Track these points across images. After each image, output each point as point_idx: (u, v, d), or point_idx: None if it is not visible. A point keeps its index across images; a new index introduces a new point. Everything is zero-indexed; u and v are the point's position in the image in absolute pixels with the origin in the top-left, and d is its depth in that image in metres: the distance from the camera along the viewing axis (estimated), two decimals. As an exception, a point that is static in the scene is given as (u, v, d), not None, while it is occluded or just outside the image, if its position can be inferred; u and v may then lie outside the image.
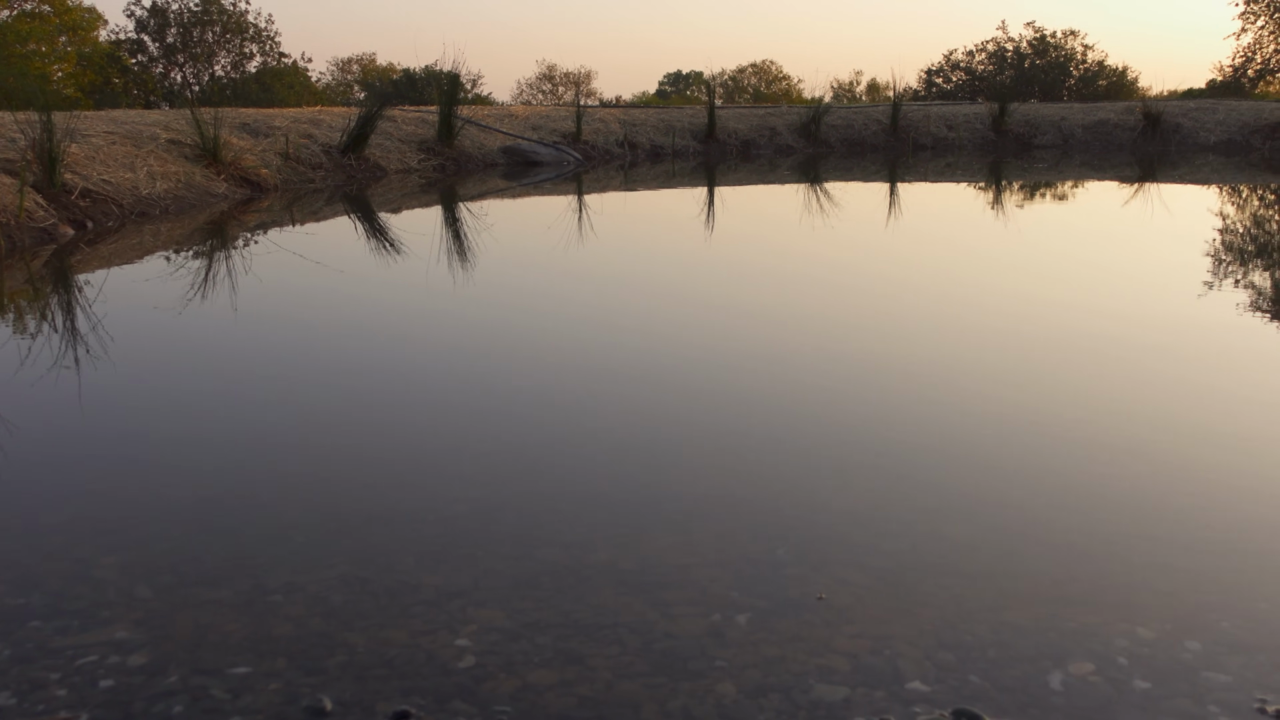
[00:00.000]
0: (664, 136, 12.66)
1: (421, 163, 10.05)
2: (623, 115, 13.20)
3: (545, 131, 11.77)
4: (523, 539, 1.87)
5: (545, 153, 11.00)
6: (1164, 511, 1.99)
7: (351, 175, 9.11)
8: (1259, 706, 1.35)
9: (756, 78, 41.41)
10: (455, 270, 4.67)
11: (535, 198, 8.55)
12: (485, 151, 10.87)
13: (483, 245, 5.52)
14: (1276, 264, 5.20)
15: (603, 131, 12.24)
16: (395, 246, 5.50)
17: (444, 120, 10.58)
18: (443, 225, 6.44)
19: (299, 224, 6.52)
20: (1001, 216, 7.21)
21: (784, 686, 1.40)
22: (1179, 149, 13.48)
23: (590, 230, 6.12)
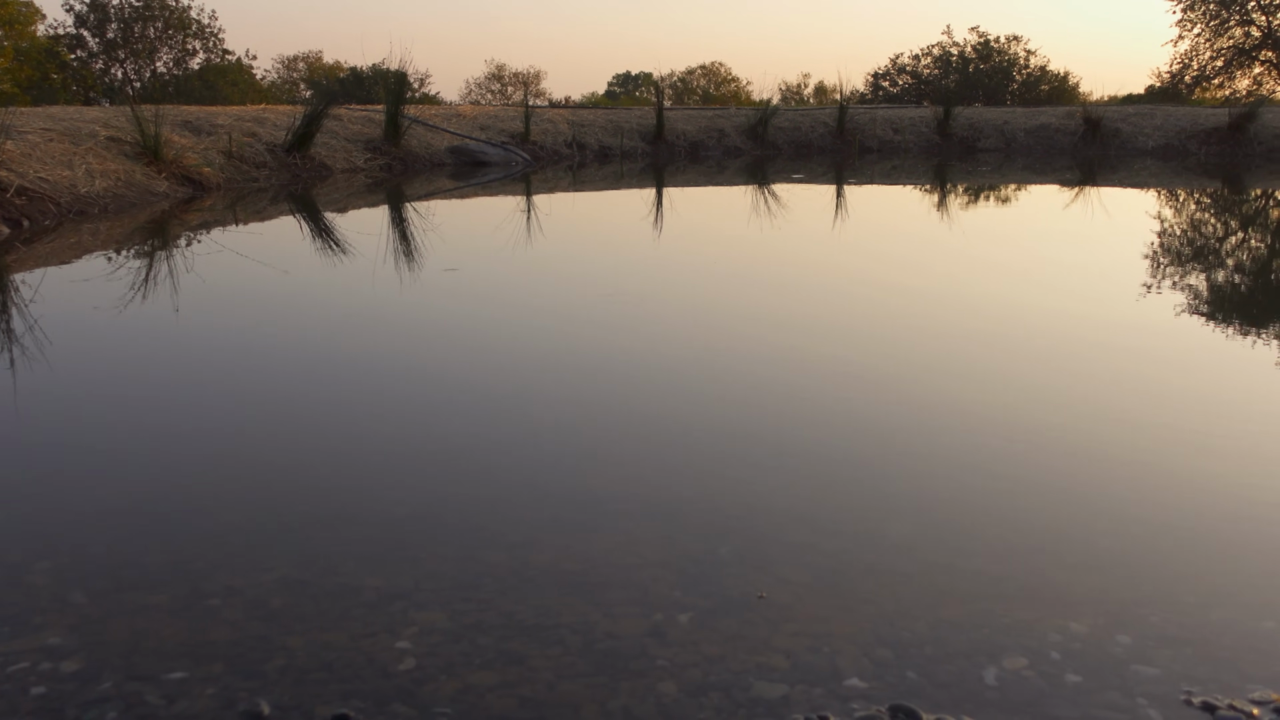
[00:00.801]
0: (612, 137, 12.67)
1: (368, 162, 9.97)
2: (571, 116, 13.19)
3: (493, 132, 11.72)
4: (466, 540, 1.87)
5: (493, 153, 10.96)
6: (1098, 507, 2.03)
7: (296, 174, 9.02)
8: (1185, 698, 1.39)
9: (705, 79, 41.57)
10: (401, 271, 4.64)
11: (483, 198, 8.52)
12: (433, 151, 10.81)
13: (430, 246, 5.49)
14: (1212, 266, 5.32)
15: (551, 132, 12.22)
16: (341, 246, 5.45)
17: (391, 119, 10.50)
18: (389, 225, 6.40)
19: (243, 223, 6.44)
20: (947, 219, 7.30)
21: (724, 685, 1.41)
22: (1118, 153, 13.74)
23: (538, 231, 6.12)
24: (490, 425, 2.52)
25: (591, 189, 9.35)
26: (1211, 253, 5.82)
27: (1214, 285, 4.71)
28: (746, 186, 9.53)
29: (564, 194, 8.92)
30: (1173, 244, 6.08)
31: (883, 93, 28.85)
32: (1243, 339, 3.56)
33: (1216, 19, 23.73)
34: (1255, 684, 1.43)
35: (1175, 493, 2.11)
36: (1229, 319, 3.97)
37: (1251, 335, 3.63)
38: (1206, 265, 5.34)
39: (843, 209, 7.69)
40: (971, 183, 10.30)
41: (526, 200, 8.07)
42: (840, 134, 14.19)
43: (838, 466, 2.26)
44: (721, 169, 11.40)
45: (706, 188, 9.72)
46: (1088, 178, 10.75)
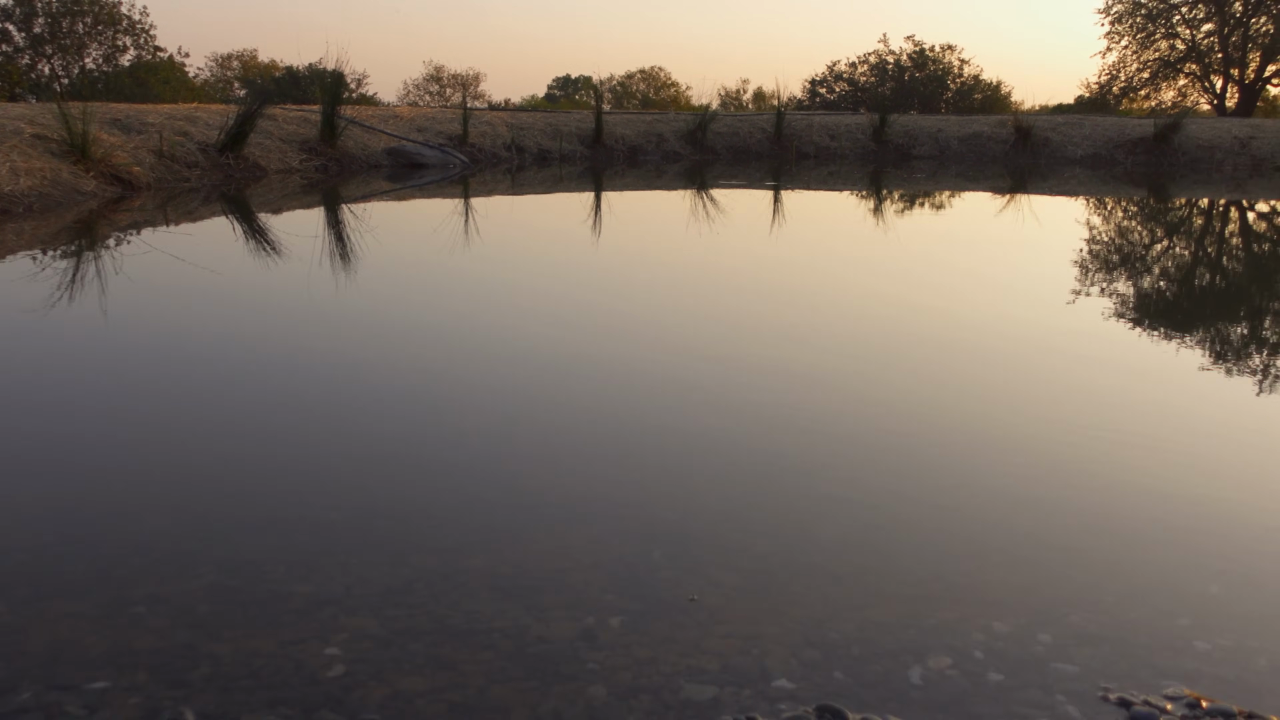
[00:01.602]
0: (551, 141, 12.65)
1: (303, 163, 9.85)
2: (510, 119, 13.15)
3: (431, 133, 11.65)
4: (397, 545, 1.86)
5: (431, 155, 10.89)
6: (1023, 509, 2.07)
7: (230, 175, 8.88)
8: (1102, 695, 1.43)
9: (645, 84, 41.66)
10: (336, 273, 4.60)
11: (420, 200, 8.46)
12: (369, 153, 10.71)
13: (365, 248, 5.44)
14: (1138, 273, 5.45)
15: (490, 134, 12.17)
16: (275, 248, 5.38)
17: (327, 120, 10.39)
18: (325, 227, 6.33)
19: (173, 224, 6.33)
20: (884, 225, 7.40)
21: (654, 687, 1.42)
22: (1048, 162, 14.02)
23: (476, 234, 6.09)
24: (423, 430, 2.51)
25: (530, 192, 9.33)
26: (1138, 259, 5.96)
27: (1141, 291, 4.83)
28: (686, 191, 9.57)
29: (503, 197, 8.89)
30: (1101, 251, 6.22)
31: (820, 99, 29.14)
32: (1165, 344, 3.65)
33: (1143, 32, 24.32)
34: (1170, 679, 1.47)
35: (1098, 495, 2.16)
36: (1153, 325, 4.08)
37: (1174, 340, 3.73)
38: (1134, 271, 5.47)
39: (781, 214, 7.75)
40: (907, 189, 10.44)
41: (464, 203, 8.03)
42: (778, 140, 14.31)
43: (770, 469, 2.28)
44: (660, 173, 11.44)
45: (646, 192, 9.75)
46: (1019, 185, 10.96)
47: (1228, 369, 3.27)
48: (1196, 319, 4.34)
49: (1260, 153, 13.73)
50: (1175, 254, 6.37)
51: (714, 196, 8.84)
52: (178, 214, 6.81)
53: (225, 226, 6.42)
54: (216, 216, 6.95)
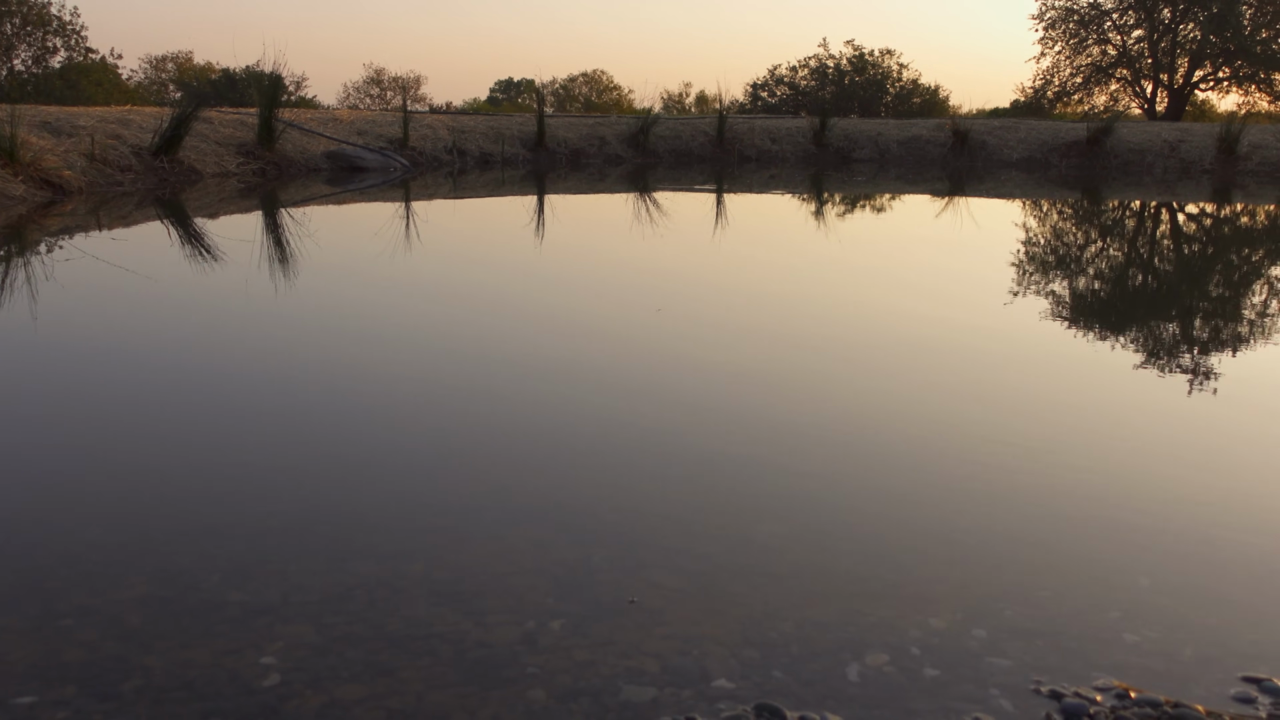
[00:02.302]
0: (493, 144, 12.60)
1: (240, 166, 9.71)
2: (452, 122, 13.08)
3: (371, 137, 11.55)
4: (336, 552, 1.84)
5: (371, 158, 10.80)
6: (960, 506, 2.10)
7: (164, 179, 8.73)
8: (1034, 687, 1.45)
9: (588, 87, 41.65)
10: (275, 278, 4.54)
11: (361, 204, 8.38)
12: (308, 156, 10.59)
13: (304, 252, 5.38)
14: (1074, 274, 5.56)
15: (431, 138, 12.09)
16: (212, 253, 5.30)
17: (264, 123, 10.26)
18: (263, 231, 6.24)
19: (106, 229, 6.21)
20: (824, 227, 7.47)
21: (594, 690, 1.42)
22: (985, 164, 14.24)
23: (417, 238, 6.05)
24: (362, 435, 2.49)
25: (473, 196, 9.28)
26: (1074, 261, 6.07)
27: (1076, 292, 4.92)
28: (629, 194, 9.58)
29: (445, 201, 8.84)
30: (1038, 253, 6.33)
31: (761, 103, 29.34)
32: (1097, 344, 3.73)
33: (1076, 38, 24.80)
34: (1100, 671, 1.50)
35: (1033, 491, 2.20)
36: (1086, 325, 4.16)
37: (1104, 340, 3.81)
38: (1070, 273, 5.57)
39: (724, 217, 7.79)
40: (848, 192, 10.55)
41: (406, 207, 7.96)
42: (720, 143, 14.38)
43: (712, 470, 2.29)
44: (603, 176, 11.44)
45: (589, 195, 9.74)
46: (957, 188, 11.12)
47: (1159, 368, 3.35)
48: (1129, 319, 4.43)
49: (1189, 156, 14.05)
50: (1109, 255, 6.50)
51: (657, 200, 8.86)
52: (111, 219, 6.68)
53: (160, 231, 6.31)
54: (151, 221, 6.83)
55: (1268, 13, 22.81)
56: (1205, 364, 3.40)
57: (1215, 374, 3.23)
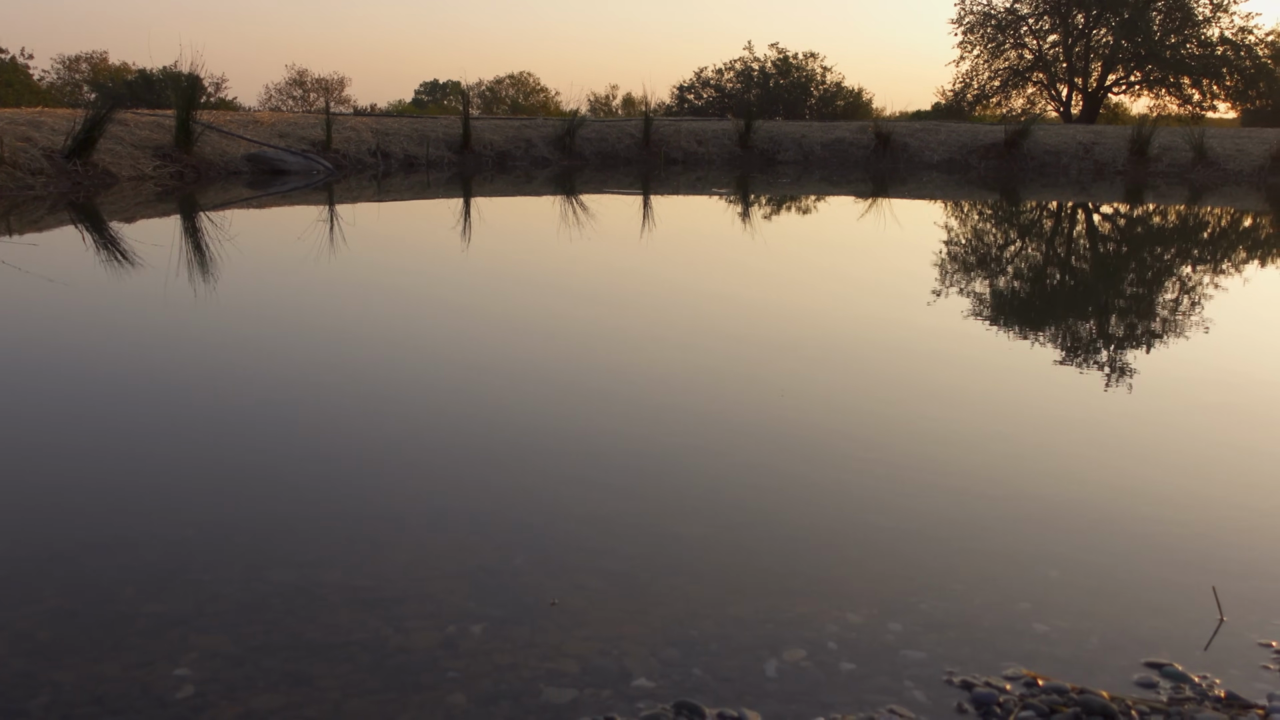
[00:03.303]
0: (418, 146, 12.49)
1: (157, 169, 9.51)
2: (375, 124, 12.94)
3: (293, 139, 11.38)
4: (253, 561, 1.81)
5: (293, 161, 10.64)
6: (878, 502, 2.14)
7: (78, 182, 8.52)
8: (947, 678, 1.49)
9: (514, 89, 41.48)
10: (196, 283, 4.45)
11: (283, 207, 8.26)
12: (228, 159, 10.41)
13: (226, 257, 5.29)
14: (993, 272, 5.68)
15: (354, 140, 11.95)
16: (127, 258, 5.18)
17: (182, 125, 10.05)
18: (182, 236, 6.12)
19: (16, 234, 6.04)
20: (750, 229, 7.53)
21: (514, 693, 1.42)
22: (907, 166, 14.47)
23: (341, 241, 5.98)
24: (279, 442, 2.46)
25: (397, 198, 9.20)
26: (993, 260, 6.20)
27: (993, 290, 5.03)
28: (555, 197, 9.57)
29: (369, 204, 8.74)
30: (958, 252, 6.46)
31: (688, 105, 29.48)
32: (1010, 342, 3.81)
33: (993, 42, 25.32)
34: (1010, 661, 1.54)
35: (948, 486, 2.25)
36: (1001, 322, 4.25)
37: (1019, 338, 3.90)
38: (988, 271, 5.69)
39: (651, 219, 7.82)
40: (773, 194, 10.65)
41: (329, 210, 7.87)
42: (646, 145, 14.42)
43: (635, 470, 2.30)
44: (530, 179, 11.41)
45: (516, 198, 9.71)
46: (880, 190, 11.29)
47: (1070, 364, 3.43)
48: (1042, 317, 4.54)
49: (1102, 157, 14.42)
50: (1028, 255, 6.65)
51: (585, 203, 8.86)
52: (21, 223, 6.50)
53: (73, 236, 6.15)
54: (64, 225, 6.66)
55: (1176, 19, 23.51)
56: (1114, 360, 3.49)
57: (1123, 369, 3.32)
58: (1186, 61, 23.42)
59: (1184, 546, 1.96)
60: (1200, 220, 9.12)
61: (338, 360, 3.27)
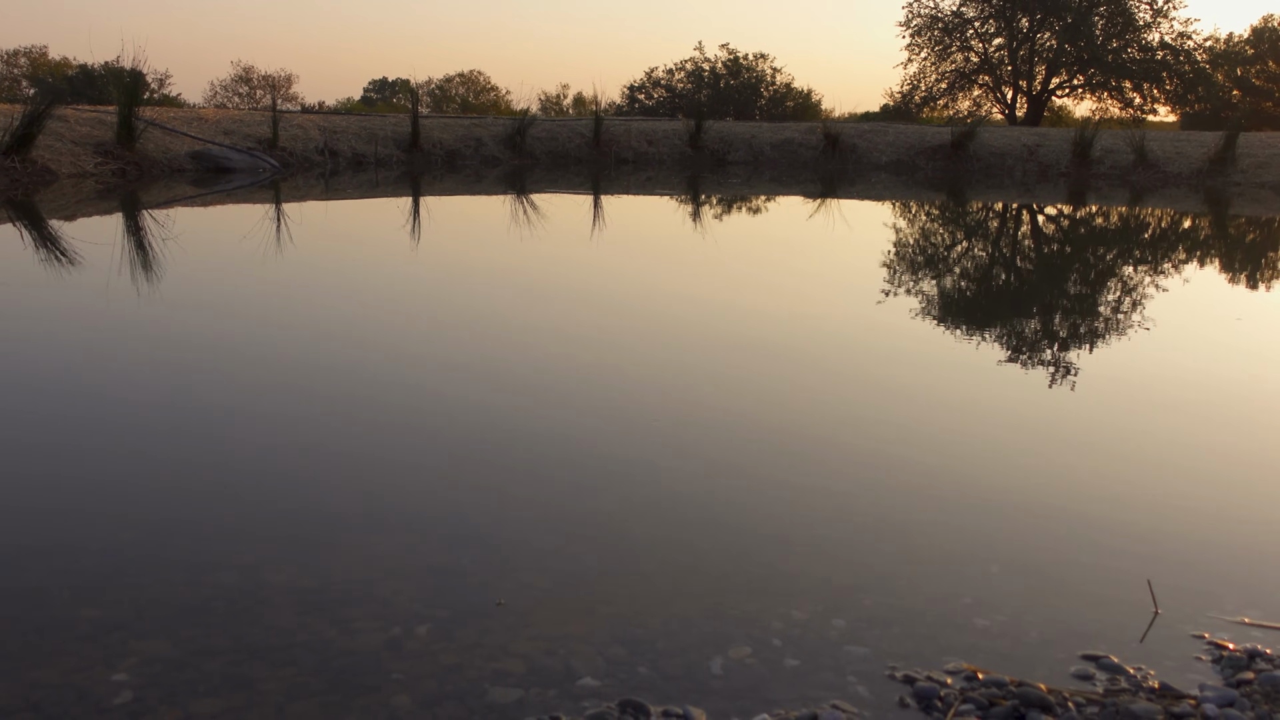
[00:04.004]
0: (366, 145, 12.39)
1: (99, 166, 9.34)
2: (323, 122, 12.81)
3: (239, 136, 11.23)
4: (195, 564, 1.79)
5: (239, 159, 10.51)
6: (824, 500, 2.16)
7: (15, 179, 8.35)
8: (889, 673, 1.50)
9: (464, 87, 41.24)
10: (139, 282, 4.38)
11: (228, 206, 8.15)
12: (172, 156, 10.25)
13: (168, 255, 5.21)
14: (940, 273, 5.74)
15: (301, 138, 11.82)
16: (66, 256, 5.09)
17: (124, 121, 9.89)
18: (124, 235, 6.02)
19: (-49, 232, 5.90)
20: (701, 229, 7.55)
21: (459, 693, 1.42)
22: (855, 167, 14.59)
23: (288, 240, 5.91)
24: (222, 444, 2.43)
25: (345, 197, 9.11)
26: (940, 260, 6.28)
27: (939, 289, 5.09)
28: (505, 196, 9.53)
29: (317, 202, 8.65)
30: (907, 252, 6.52)
31: (639, 105, 29.50)
32: (953, 340, 3.86)
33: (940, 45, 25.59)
34: (952, 655, 1.56)
35: (892, 483, 2.27)
36: (942, 322, 4.30)
37: (961, 337, 3.95)
38: (935, 271, 5.76)
39: (602, 219, 7.82)
40: (724, 194, 10.69)
41: (276, 209, 7.77)
42: (597, 145, 14.41)
43: (582, 470, 2.31)
44: (479, 178, 11.36)
45: (465, 197, 9.66)
46: (829, 190, 11.37)
47: (1012, 362, 3.48)
48: (985, 317, 4.60)
49: (1046, 159, 14.64)
50: (974, 255, 6.74)
51: (535, 202, 8.83)
52: (-44, 221, 6.35)
53: (10, 234, 6.03)
54: (1, 224, 6.52)
55: (1117, 24, 23.92)
56: (1056, 358, 3.55)
57: (1065, 367, 3.38)
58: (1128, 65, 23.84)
59: (1122, 541, 2.00)
60: (1141, 222, 9.30)
61: (282, 361, 3.24)
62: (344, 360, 3.24)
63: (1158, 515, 2.13)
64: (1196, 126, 22.40)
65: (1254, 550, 1.97)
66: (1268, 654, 1.58)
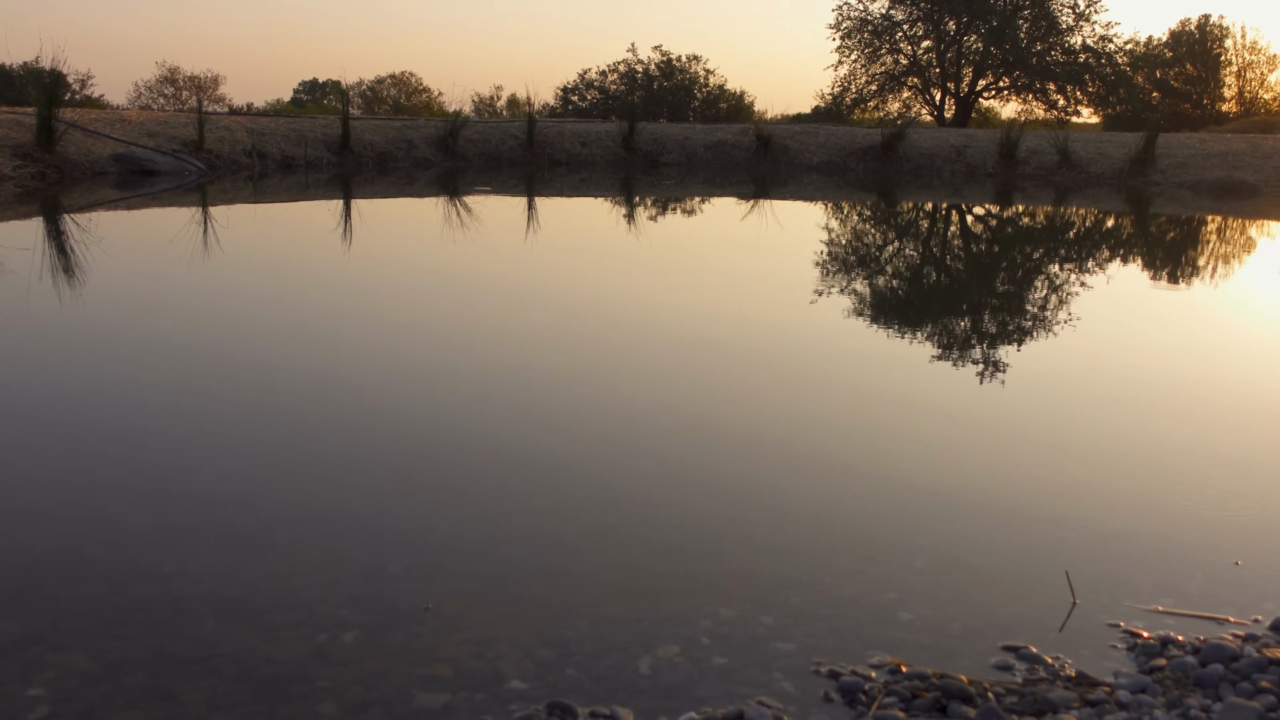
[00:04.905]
0: (296, 147, 12.22)
1: (17, 170, 9.10)
2: (251, 124, 12.61)
3: (164, 139, 11.02)
4: (115, 575, 1.76)
5: (164, 161, 10.31)
6: (753, 499, 2.18)
7: (-71, 183, 8.10)
8: (815, 669, 1.52)
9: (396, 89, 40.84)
10: (60, 288, 4.28)
11: (153, 209, 7.99)
12: (94, 159, 10.02)
13: (90, 260, 5.09)
14: (869, 273, 5.81)
15: (229, 140, 11.63)
16: (-19, 263, 4.95)
17: (43, 123, 9.64)
18: (44, 238, 5.87)
19: None
20: (634, 231, 7.56)
21: (386, 700, 1.41)
22: (787, 168, 14.71)
23: (217, 245, 5.81)
24: (141, 451, 2.38)
25: (274, 200, 8.98)
26: (871, 259, 6.35)
27: (866, 291, 5.15)
28: (438, 198, 9.46)
29: (245, 205, 8.51)
30: (837, 252, 6.59)
31: (572, 107, 29.45)
32: (882, 339, 3.91)
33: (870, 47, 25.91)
34: (876, 649, 1.59)
35: (820, 480, 2.30)
36: (875, 319, 4.36)
37: (890, 335, 4.00)
38: (866, 271, 5.83)
39: (535, 221, 7.79)
40: (658, 196, 10.72)
41: (203, 212, 7.64)
42: (530, 146, 14.36)
43: (513, 474, 2.30)
44: (411, 180, 11.26)
45: (397, 199, 9.57)
46: (762, 191, 11.45)
47: (937, 360, 3.54)
48: (913, 314, 4.67)
49: (974, 160, 14.89)
50: (904, 254, 6.83)
51: (468, 204, 8.78)
52: None
53: (-76, 240, 5.85)
54: (-87, 229, 6.33)
55: (1041, 27, 24.42)
56: (981, 355, 3.62)
57: (989, 364, 3.44)
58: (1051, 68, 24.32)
59: (1042, 533, 2.04)
60: (1066, 221, 9.50)
61: (203, 368, 3.19)
62: (268, 366, 3.20)
63: (1077, 507, 2.18)
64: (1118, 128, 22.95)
65: (1169, 540, 2.03)
66: (1180, 641, 1.63)
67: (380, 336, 3.66)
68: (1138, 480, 2.35)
